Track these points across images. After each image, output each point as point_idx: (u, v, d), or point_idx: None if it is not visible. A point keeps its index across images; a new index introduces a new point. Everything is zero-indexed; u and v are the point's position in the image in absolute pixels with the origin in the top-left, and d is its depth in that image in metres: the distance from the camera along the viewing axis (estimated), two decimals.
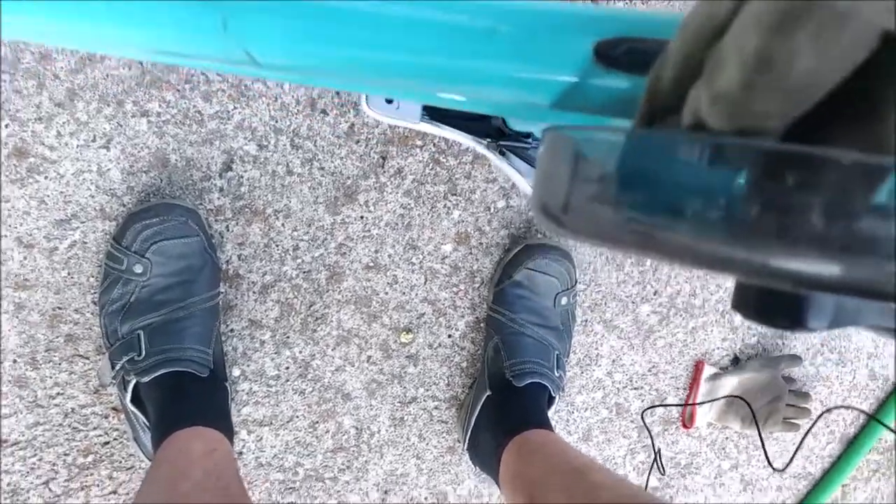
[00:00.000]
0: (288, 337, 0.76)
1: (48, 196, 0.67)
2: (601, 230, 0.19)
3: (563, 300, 0.75)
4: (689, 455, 0.95)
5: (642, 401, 0.90)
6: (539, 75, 0.26)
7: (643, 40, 0.24)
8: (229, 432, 0.62)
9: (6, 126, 0.65)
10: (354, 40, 0.26)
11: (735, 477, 0.99)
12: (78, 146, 0.66)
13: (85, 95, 0.65)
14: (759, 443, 0.98)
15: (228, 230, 0.71)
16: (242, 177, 0.70)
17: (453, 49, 0.26)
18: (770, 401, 0.90)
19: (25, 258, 0.68)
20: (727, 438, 0.97)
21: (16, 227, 0.67)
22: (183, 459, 0.52)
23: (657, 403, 0.90)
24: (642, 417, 0.89)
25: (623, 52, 0.24)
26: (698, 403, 0.89)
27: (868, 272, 0.15)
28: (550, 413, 0.73)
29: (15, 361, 0.70)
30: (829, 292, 0.16)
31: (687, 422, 0.91)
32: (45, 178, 0.66)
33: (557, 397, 0.73)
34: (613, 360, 0.87)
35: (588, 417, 0.88)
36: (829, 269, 0.16)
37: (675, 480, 0.95)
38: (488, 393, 0.72)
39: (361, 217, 0.74)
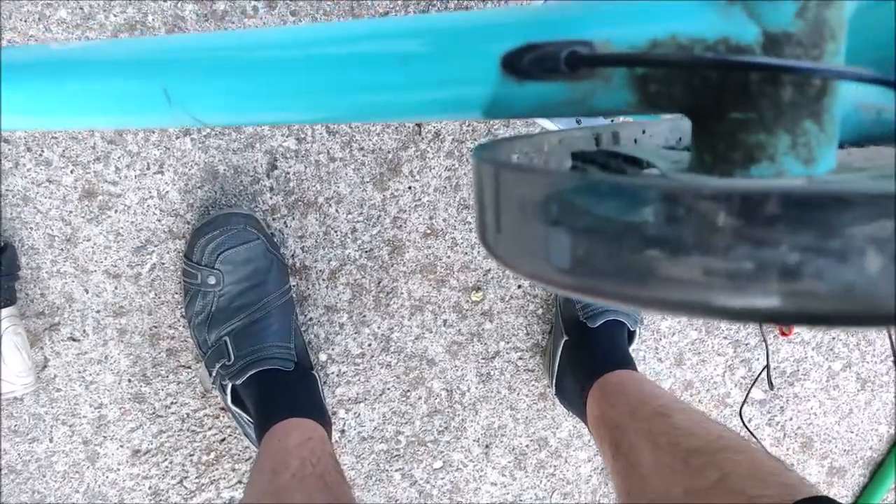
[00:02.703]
0: (364, 315, 0.78)
1: (122, 228, 0.72)
2: (528, 265, 0.20)
3: None
4: (794, 362, 0.91)
5: None
6: (459, 95, 0.26)
7: (547, 44, 0.23)
8: (323, 418, 0.66)
9: (71, 172, 0.70)
10: (276, 90, 0.27)
11: (849, 377, 0.94)
12: (136, 176, 0.70)
13: (139, 127, 0.69)
14: (872, 338, 0.92)
15: (287, 226, 0.74)
16: (288, 172, 0.72)
17: (372, 84, 0.26)
18: None
19: (116, 287, 0.73)
20: (834, 338, 0.92)
21: (102, 262, 0.72)
22: (281, 452, 0.56)
23: None
24: (760, 327, 0.85)
25: (529, 62, 0.23)
26: None
27: None
28: (634, 347, 0.72)
29: (130, 381, 0.77)
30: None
31: (785, 328, 0.87)
32: (115, 211, 0.71)
33: (637, 330, 0.72)
34: None
35: (677, 342, 0.86)
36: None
37: (782, 390, 0.91)
38: (565, 338, 0.72)
39: (409, 188, 0.75)
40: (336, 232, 0.75)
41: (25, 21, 0.65)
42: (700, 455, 0.47)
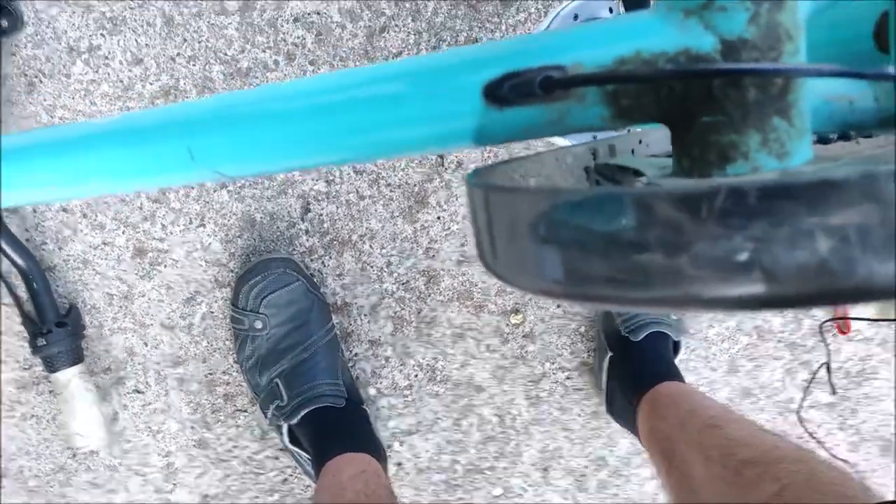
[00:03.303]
0: (408, 347, 0.80)
1: (172, 281, 0.76)
2: (527, 280, 0.21)
3: None
4: (858, 361, 0.86)
5: (784, 316, 0.83)
6: (450, 128, 0.28)
7: (524, 72, 0.25)
8: (377, 451, 0.67)
9: (123, 233, 0.74)
10: (288, 139, 0.29)
11: None
12: (181, 231, 0.74)
13: (172, 185, 0.73)
14: None
15: (325, 266, 0.76)
16: (322, 214, 0.75)
17: (372, 125, 0.28)
18: None
19: (172, 339, 0.77)
20: None
21: (157, 315, 0.77)
22: (335, 486, 0.57)
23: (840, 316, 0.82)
24: (820, 329, 0.82)
25: (509, 89, 0.25)
26: None
27: None
28: (681, 357, 0.70)
29: (193, 428, 0.80)
30: None
31: (843, 327, 0.83)
32: (165, 266, 0.75)
33: (682, 341, 0.70)
34: None
35: (727, 349, 0.83)
36: None
37: (850, 391, 0.87)
38: (610, 354, 0.71)
39: (438, 217, 0.76)
40: (372, 267, 0.77)
41: (73, 98, 0.71)
42: (755, 466, 0.46)
